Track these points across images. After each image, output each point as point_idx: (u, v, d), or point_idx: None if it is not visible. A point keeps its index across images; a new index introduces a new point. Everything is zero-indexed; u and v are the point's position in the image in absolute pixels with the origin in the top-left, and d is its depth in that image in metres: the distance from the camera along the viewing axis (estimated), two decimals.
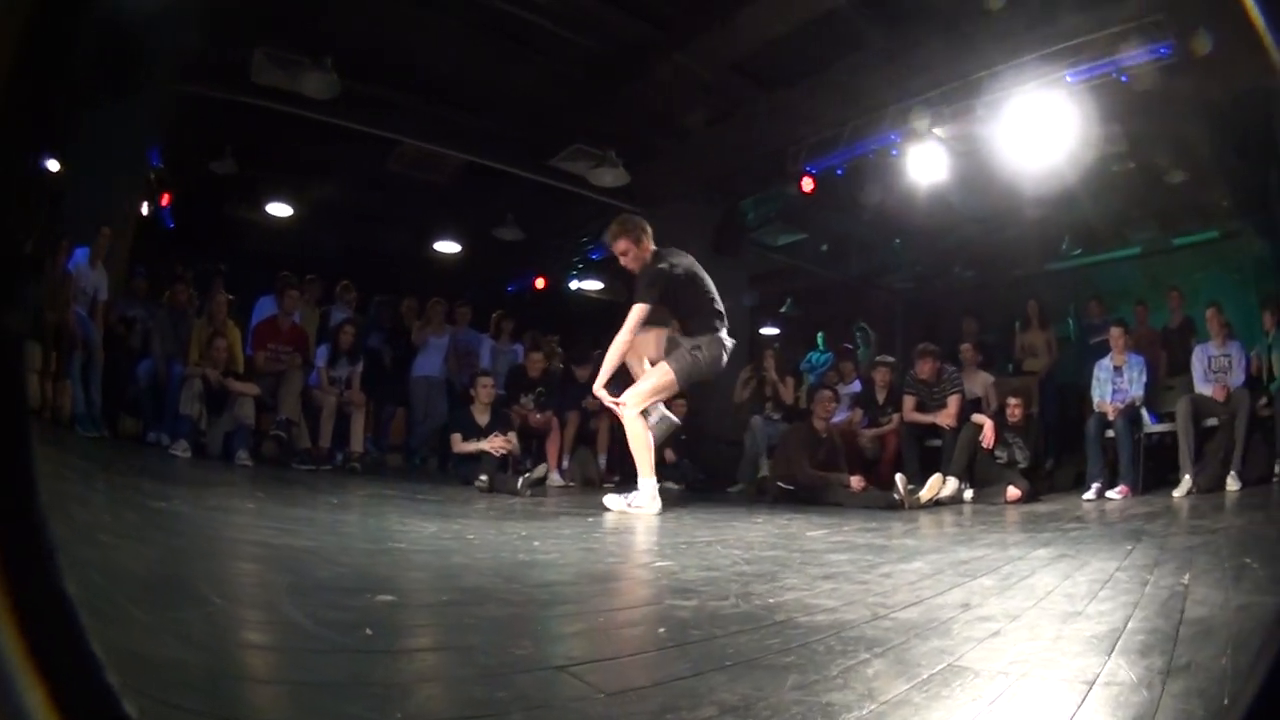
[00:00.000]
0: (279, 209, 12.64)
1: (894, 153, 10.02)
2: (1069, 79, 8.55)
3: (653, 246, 6.59)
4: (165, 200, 10.90)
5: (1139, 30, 8.09)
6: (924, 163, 9.74)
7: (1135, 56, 8.19)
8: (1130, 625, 2.47)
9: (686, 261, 6.58)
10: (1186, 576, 3.32)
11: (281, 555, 3.26)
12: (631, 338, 6.33)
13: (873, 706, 1.68)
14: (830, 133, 10.48)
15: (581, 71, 10.12)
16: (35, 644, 0.91)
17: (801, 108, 10.28)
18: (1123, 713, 1.71)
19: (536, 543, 4.24)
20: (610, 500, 6.31)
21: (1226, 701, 1.69)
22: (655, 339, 6.58)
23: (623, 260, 6.64)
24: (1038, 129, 8.85)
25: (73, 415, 7.45)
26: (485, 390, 8.69)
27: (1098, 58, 8.37)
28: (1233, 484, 7.66)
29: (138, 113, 8.45)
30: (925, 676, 1.90)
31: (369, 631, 2.09)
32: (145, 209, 10.10)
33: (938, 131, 9.54)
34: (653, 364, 6.48)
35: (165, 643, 1.78)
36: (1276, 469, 7.66)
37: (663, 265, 6.43)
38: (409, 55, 9.85)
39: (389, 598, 2.58)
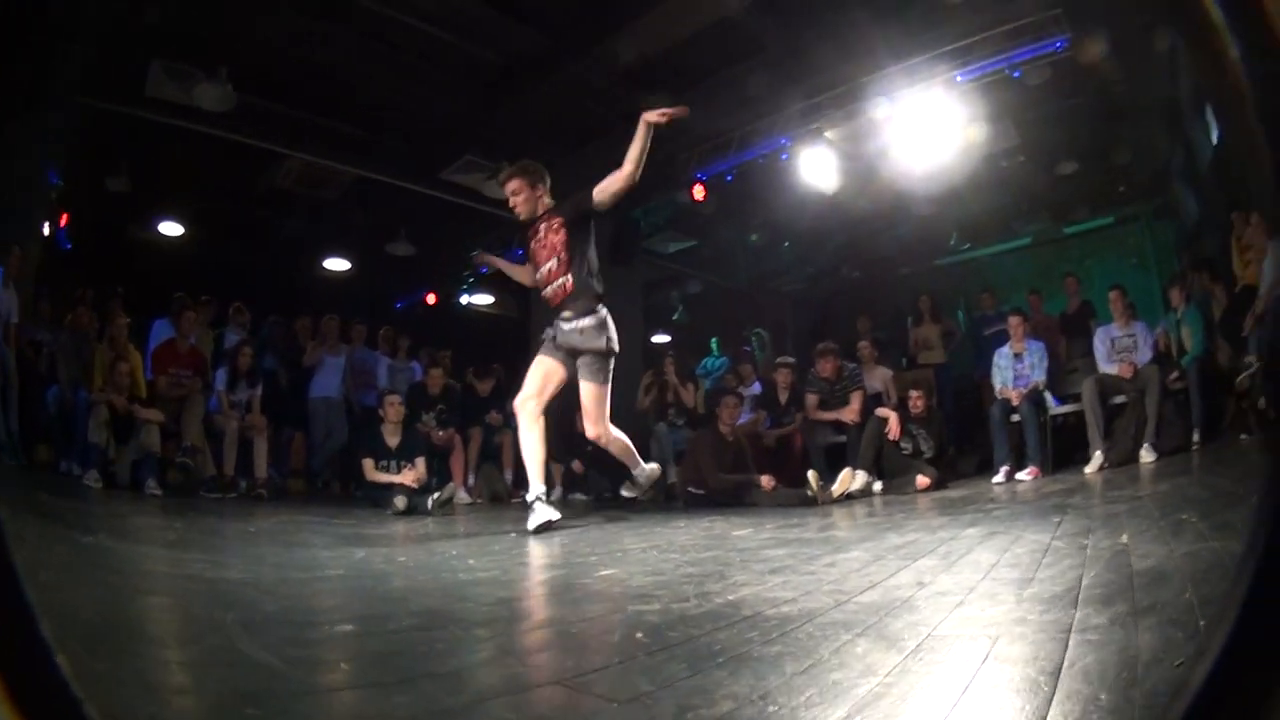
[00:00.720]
0: (172, 227, 12.30)
1: (784, 157, 10.17)
2: (958, 78, 8.79)
3: (549, 200, 6.32)
4: (63, 220, 10.57)
5: (1034, 26, 8.37)
6: (814, 166, 9.90)
7: (1030, 51, 8.46)
8: (1085, 582, 2.57)
9: None
10: (1124, 536, 3.44)
11: (220, 589, 3.14)
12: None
13: (878, 679, 1.72)
14: (720, 139, 10.60)
15: (474, 82, 10.06)
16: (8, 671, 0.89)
17: (692, 114, 10.32)
18: (1110, 649, 1.80)
19: (471, 560, 4.18)
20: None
21: (1202, 624, 1.82)
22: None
23: (514, 203, 6.28)
24: (925, 129, 9.11)
25: None
26: (394, 409, 8.51)
27: (990, 55, 8.61)
28: (1147, 455, 7.85)
29: (39, 128, 8.19)
30: (913, 647, 1.96)
31: (344, 666, 2.05)
32: (46, 229, 9.77)
33: (827, 135, 9.70)
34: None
35: (137, 694, 1.71)
36: (1195, 438, 7.90)
37: None
38: (300, 67, 9.68)
39: (348, 627, 2.52)
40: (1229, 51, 0.99)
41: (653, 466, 6.68)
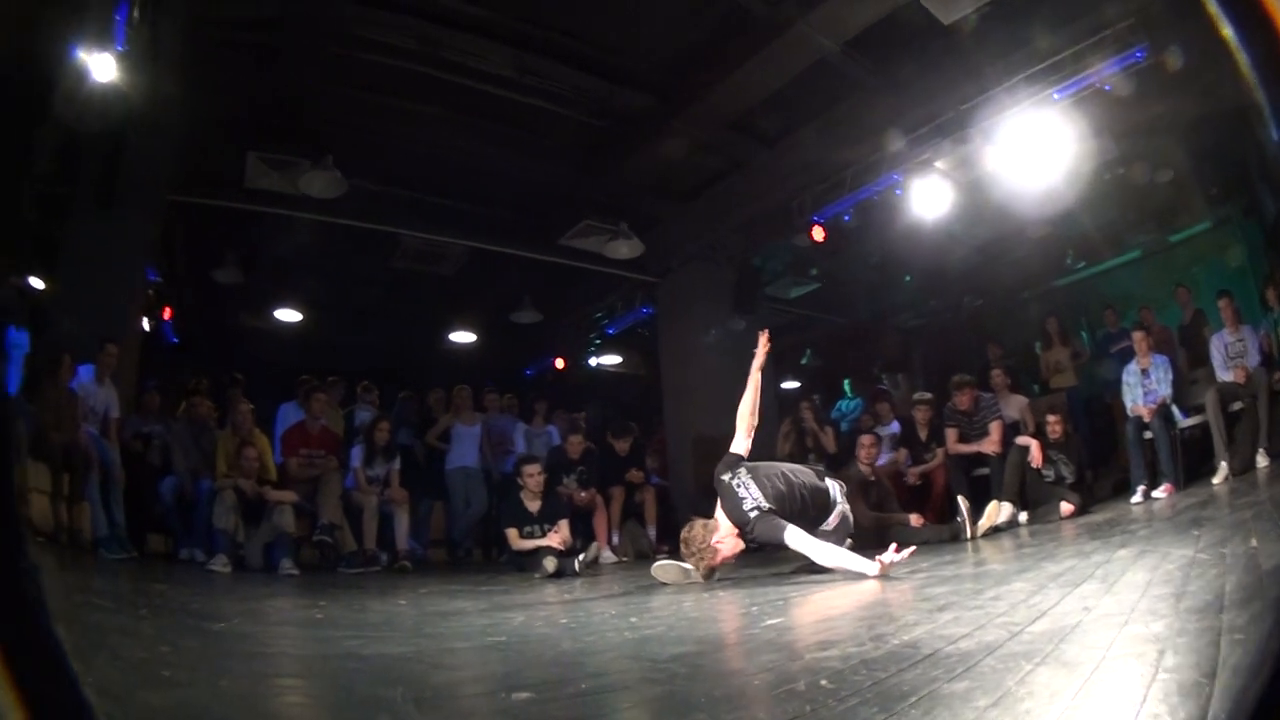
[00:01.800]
0: (288, 314, 12.63)
1: (898, 191, 10.14)
2: (1055, 96, 8.69)
3: None
4: (166, 314, 10.87)
5: (1112, 39, 8.26)
6: (928, 197, 9.84)
7: (1112, 65, 8.35)
8: (1228, 588, 2.76)
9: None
10: (1253, 541, 3.75)
11: (379, 666, 3.01)
12: None
13: (1066, 702, 1.76)
14: (833, 179, 10.60)
15: (584, 147, 10.21)
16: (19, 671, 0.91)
17: (801, 158, 10.37)
18: (1251, 644, 1.90)
19: (633, 619, 4.14)
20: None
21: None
22: None
23: None
24: (1032, 149, 8.98)
25: (94, 539, 7.28)
26: (533, 479, 8.50)
27: (1077, 72, 8.51)
28: (1262, 460, 7.81)
29: (130, 225, 8.45)
30: (1090, 670, 2.00)
31: None
32: (146, 324, 10.02)
33: (938, 165, 9.65)
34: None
35: None
36: None
37: None
38: (405, 148, 9.92)
39: (525, 695, 2.39)
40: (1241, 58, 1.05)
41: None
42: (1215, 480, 7.88)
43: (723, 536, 5.64)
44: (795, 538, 5.32)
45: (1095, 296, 12.75)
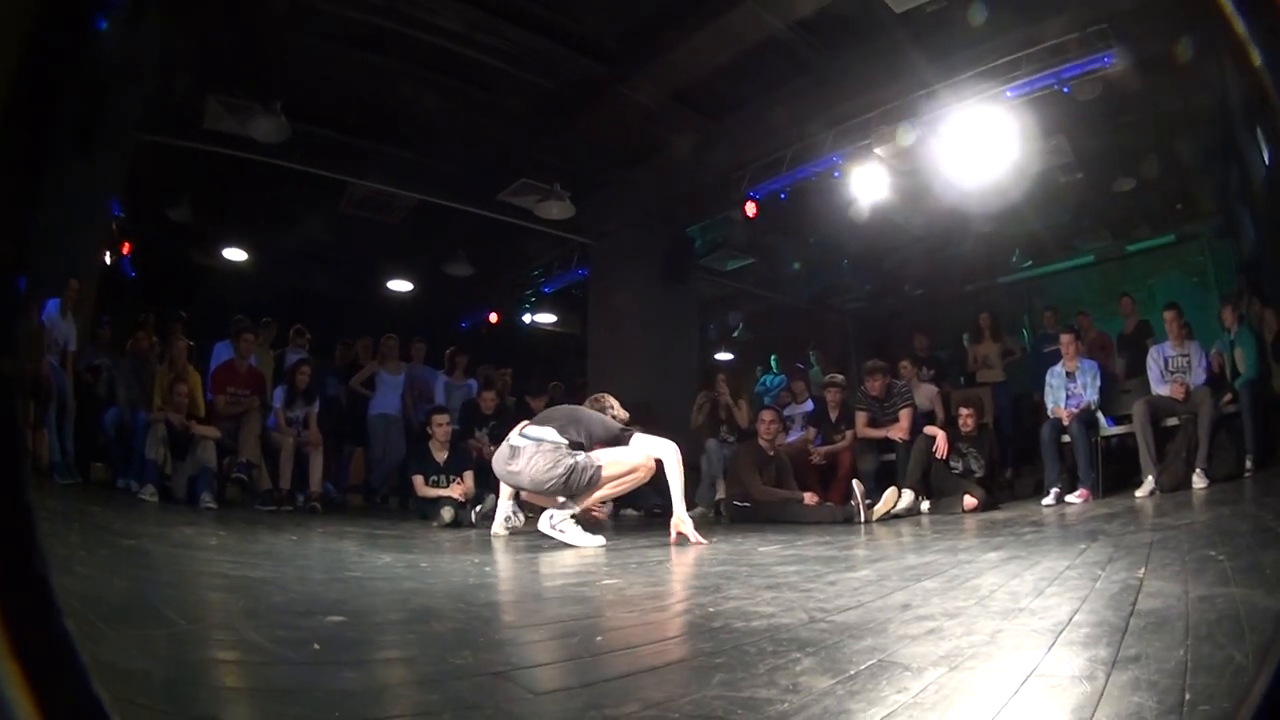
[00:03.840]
0: (234, 254, 12.65)
1: (836, 175, 10.18)
2: (1008, 94, 8.72)
3: None
4: (126, 249, 10.89)
5: (1080, 41, 8.26)
6: (866, 182, 9.89)
7: (1078, 67, 8.37)
8: (1076, 619, 2.46)
9: None
10: (1141, 571, 3.29)
11: (239, 584, 3.43)
12: None
13: (790, 699, 1.70)
14: (773, 157, 10.63)
15: (528, 107, 10.21)
16: (28, 660, 0.94)
17: (744, 134, 10.39)
18: (1061, 704, 1.66)
19: (488, 569, 4.40)
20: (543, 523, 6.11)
21: (1188, 696, 1.63)
22: None
23: None
24: (979, 144, 9.00)
25: (50, 464, 7.49)
26: (441, 429, 8.69)
27: (1038, 71, 8.52)
28: (1199, 481, 7.65)
29: (101, 163, 8.47)
30: (854, 671, 1.93)
31: (316, 647, 2.16)
32: (108, 258, 10.09)
33: (878, 151, 9.67)
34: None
35: (137, 658, 1.89)
36: (1248, 464, 7.69)
37: None
38: (357, 97, 9.93)
39: (338, 618, 2.67)
40: (1257, 62, 0.96)
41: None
42: (1139, 493, 7.82)
43: None
44: None
45: (1041, 297, 12.86)
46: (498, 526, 6.57)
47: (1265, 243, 8.83)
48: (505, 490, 6.46)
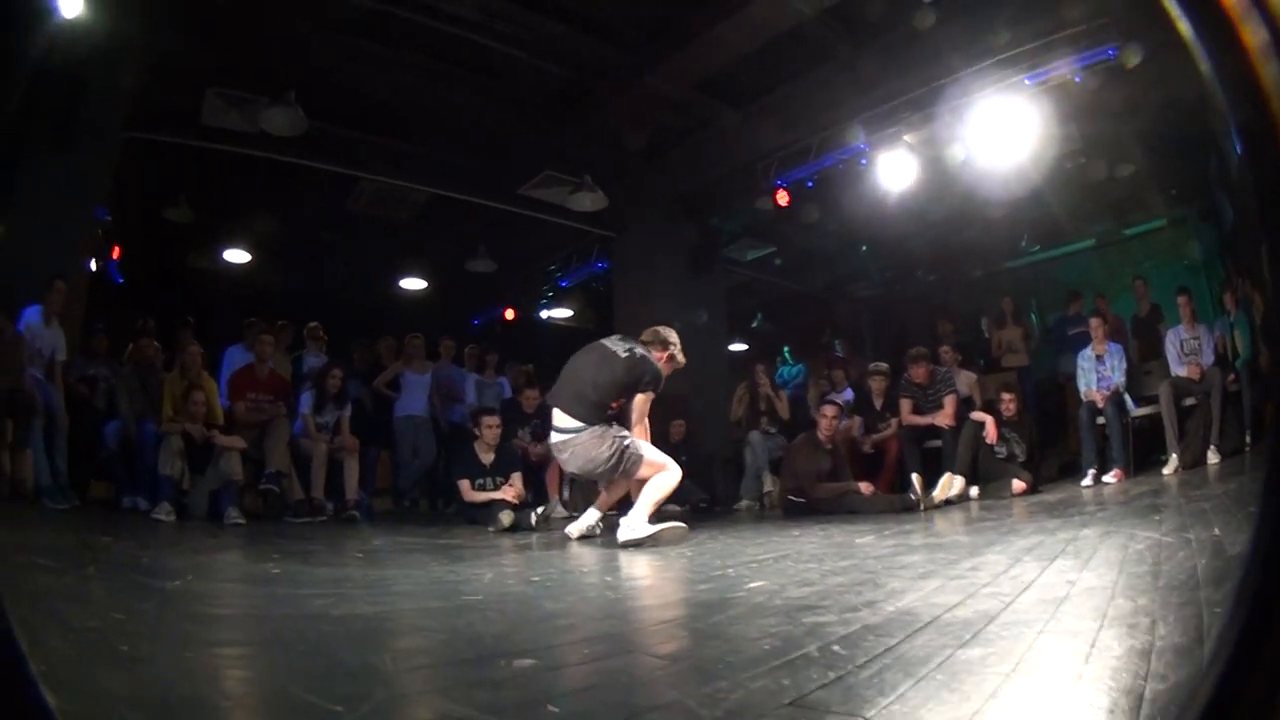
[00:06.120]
0: (237, 255, 12.39)
1: (863, 162, 10.18)
2: (1027, 82, 8.78)
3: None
4: (115, 253, 10.56)
5: (1086, 34, 8.39)
6: (893, 170, 9.91)
7: (1083, 59, 8.50)
8: (1200, 568, 2.95)
9: None
10: (1215, 529, 3.89)
11: (357, 628, 2.75)
12: None
13: (1080, 667, 1.87)
14: (800, 146, 10.58)
15: (548, 98, 10.07)
16: None
17: (770, 122, 10.33)
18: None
19: (608, 578, 4.15)
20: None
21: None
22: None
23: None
24: (999, 131, 9.08)
25: (37, 487, 6.97)
26: (490, 431, 8.36)
27: (1049, 60, 8.62)
28: (1213, 457, 8.04)
29: (82, 163, 8.16)
30: (1093, 638, 2.10)
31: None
32: (94, 264, 9.71)
33: (906, 139, 9.68)
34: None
35: None
36: (1248, 440, 7.91)
37: None
38: (367, 90, 9.71)
39: (529, 662, 2.17)
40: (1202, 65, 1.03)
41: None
42: (1166, 471, 8.08)
43: None
44: None
45: (1046, 280, 12.99)
46: (577, 528, 6.42)
47: (1246, 226, 8.96)
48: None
